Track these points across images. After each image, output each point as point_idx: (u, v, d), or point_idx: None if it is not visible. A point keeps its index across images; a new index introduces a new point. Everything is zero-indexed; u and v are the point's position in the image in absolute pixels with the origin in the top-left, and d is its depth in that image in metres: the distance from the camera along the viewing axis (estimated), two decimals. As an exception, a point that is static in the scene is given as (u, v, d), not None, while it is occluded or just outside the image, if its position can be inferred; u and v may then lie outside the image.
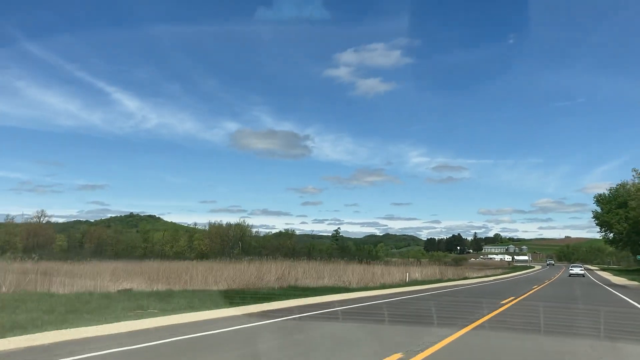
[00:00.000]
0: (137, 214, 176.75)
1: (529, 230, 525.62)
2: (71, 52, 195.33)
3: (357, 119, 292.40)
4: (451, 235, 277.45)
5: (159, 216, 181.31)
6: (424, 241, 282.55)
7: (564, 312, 15.94)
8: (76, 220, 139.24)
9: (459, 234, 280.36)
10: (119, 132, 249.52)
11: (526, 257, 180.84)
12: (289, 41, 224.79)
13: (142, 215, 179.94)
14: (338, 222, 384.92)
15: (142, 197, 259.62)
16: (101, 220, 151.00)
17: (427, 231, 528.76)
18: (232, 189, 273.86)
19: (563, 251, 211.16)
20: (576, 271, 62.47)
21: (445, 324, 11.26)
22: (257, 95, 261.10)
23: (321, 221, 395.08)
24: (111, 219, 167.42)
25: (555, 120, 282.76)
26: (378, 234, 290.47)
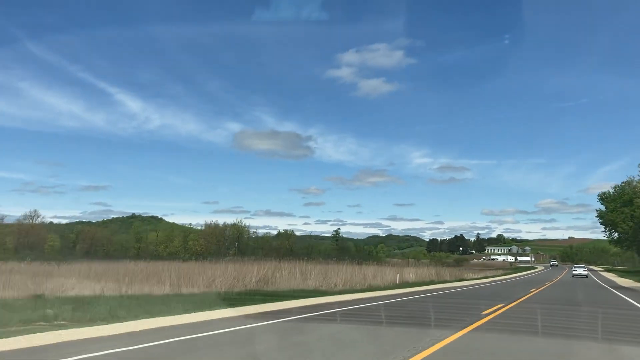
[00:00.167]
0: (138, 214, 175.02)
1: (532, 231, 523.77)
2: (74, 53, 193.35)
3: (360, 119, 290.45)
4: (454, 236, 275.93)
5: (161, 217, 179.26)
6: (427, 242, 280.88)
7: (563, 323, 13.23)
8: (78, 221, 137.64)
9: (461, 235, 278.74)
10: (122, 133, 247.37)
11: (528, 258, 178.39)
12: (291, 42, 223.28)
13: (144, 216, 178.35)
14: (341, 223, 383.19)
15: (145, 198, 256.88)
16: (103, 221, 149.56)
17: (430, 232, 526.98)
18: (235, 189, 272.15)
19: (566, 252, 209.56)
20: (579, 272, 61.55)
21: (402, 345, 8.98)
22: (260, 96, 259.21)
23: (324, 222, 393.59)
24: (113, 219, 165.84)
25: (558, 121, 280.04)
26: (381, 235, 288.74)
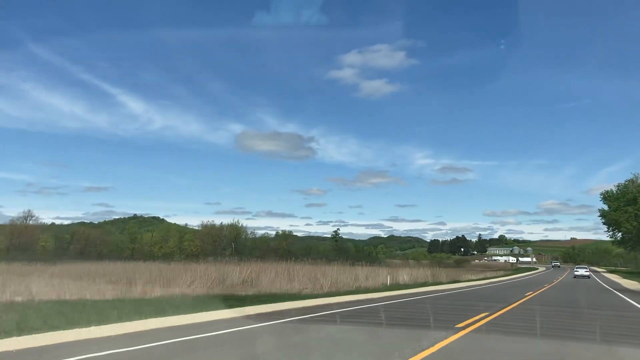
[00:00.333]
0: (140, 215, 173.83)
1: (534, 232, 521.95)
2: (77, 55, 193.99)
3: (362, 120, 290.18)
4: (455, 237, 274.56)
5: (163, 218, 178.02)
6: (428, 243, 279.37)
7: (561, 333, 11.22)
8: (80, 222, 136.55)
9: (463, 236, 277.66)
10: (124, 134, 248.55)
11: (529, 259, 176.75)
12: (293, 43, 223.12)
13: (146, 216, 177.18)
14: (342, 224, 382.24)
15: (147, 199, 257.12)
16: (105, 222, 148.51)
17: (433, 233, 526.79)
18: (237, 190, 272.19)
19: (569, 253, 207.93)
20: (581, 272, 61.34)
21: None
22: (262, 97, 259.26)
23: (326, 223, 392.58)
24: (115, 220, 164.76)
25: (560, 122, 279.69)
26: (383, 236, 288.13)
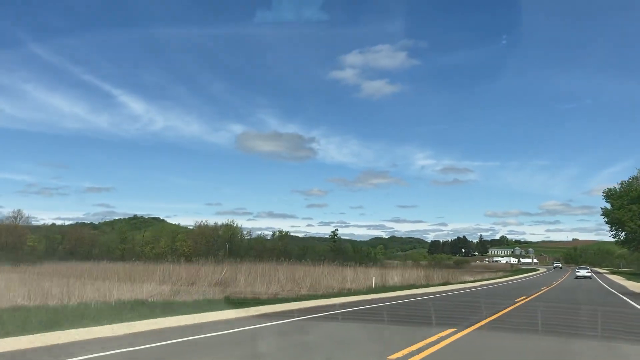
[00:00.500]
0: (140, 216, 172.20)
1: (536, 233, 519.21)
2: (78, 55, 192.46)
3: (363, 121, 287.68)
4: (456, 238, 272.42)
5: (163, 218, 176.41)
6: (429, 243, 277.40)
7: None
8: (81, 222, 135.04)
9: (464, 236, 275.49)
10: (125, 135, 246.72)
11: (529, 260, 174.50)
12: (294, 44, 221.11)
13: (146, 217, 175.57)
14: (344, 225, 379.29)
15: (148, 200, 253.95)
16: (105, 222, 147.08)
17: (434, 234, 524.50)
18: (238, 191, 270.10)
19: (570, 254, 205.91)
20: (582, 273, 61.03)
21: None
22: (263, 97, 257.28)
23: (327, 224, 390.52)
24: (115, 221, 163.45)
25: (562, 122, 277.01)
26: (384, 237, 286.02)
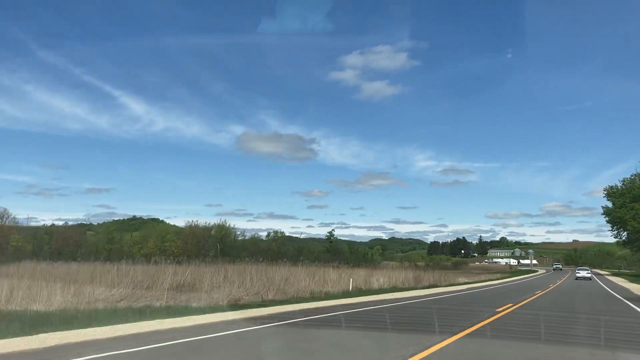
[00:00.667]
0: (139, 217, 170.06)
1: (536, 234, 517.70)
2: (79, 57, 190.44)
3: (364, 122, 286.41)
4: (455, 239, 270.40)
5: (162, 219, 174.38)
6: (428, 244, 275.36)
7: None
8: (81, 223, 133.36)
9: (463, 238, 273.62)
10: (126, 136, 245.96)
11: (529, 261, 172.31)
12: (294, 45, 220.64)
13: (145, 218, 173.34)
14: (344, 226, 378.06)
15: (149, 201, 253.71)
16: (105, 223, 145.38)
17: (434, 235, 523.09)
18: (238, 192, 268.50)
19: (570, 255, 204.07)
20: (582, 274, 61.05)
21: None
22: (263, 98, 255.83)
23: (327, 225, 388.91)
24: (115, 222, 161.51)
25: (562, 124, 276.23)
26: (384, 238, 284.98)
